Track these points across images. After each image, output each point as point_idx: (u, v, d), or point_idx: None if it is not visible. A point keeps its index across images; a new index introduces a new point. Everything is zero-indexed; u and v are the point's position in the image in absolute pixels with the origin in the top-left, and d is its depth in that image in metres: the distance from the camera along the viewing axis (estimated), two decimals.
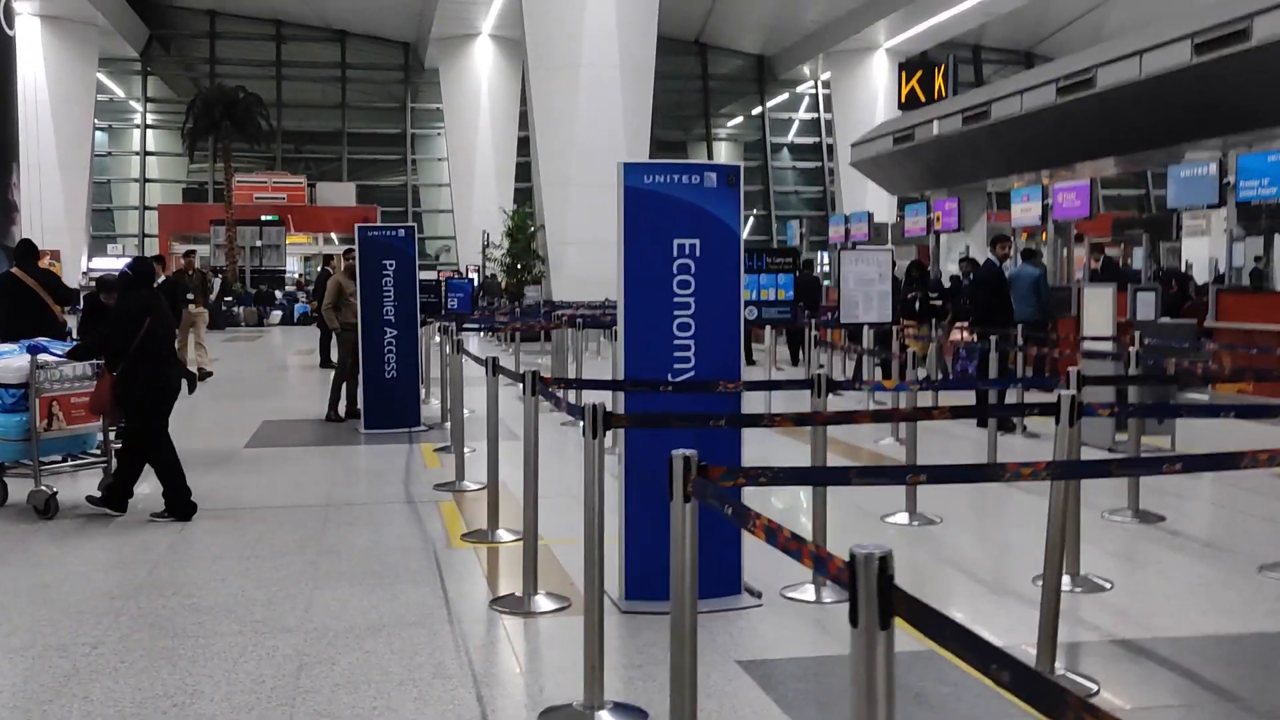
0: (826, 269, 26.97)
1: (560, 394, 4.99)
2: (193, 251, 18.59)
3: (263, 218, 41.69)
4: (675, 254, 5.01)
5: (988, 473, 3.27)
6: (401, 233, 10.81)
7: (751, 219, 52.10)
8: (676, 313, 5.03)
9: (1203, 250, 29.69)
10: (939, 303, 14.90)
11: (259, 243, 41.15)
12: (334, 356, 18.13)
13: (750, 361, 14.99)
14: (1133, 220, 29.40)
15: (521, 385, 4.96)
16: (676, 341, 5.03)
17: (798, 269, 11.94)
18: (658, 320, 5.02)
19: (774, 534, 2.25)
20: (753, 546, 5.13)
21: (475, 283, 27.56)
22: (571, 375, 12.19)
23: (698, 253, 5.02)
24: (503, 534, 6.43)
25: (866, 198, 43.10)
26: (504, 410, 6.78)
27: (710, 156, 53.19)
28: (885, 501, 6.99)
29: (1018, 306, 14.27)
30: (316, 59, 50.84)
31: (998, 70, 49.24)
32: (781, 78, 52.96)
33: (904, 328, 12.72)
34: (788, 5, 45.10)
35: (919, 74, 28.57)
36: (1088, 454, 8.56)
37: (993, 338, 8.74)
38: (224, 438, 10.15)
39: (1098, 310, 9.19)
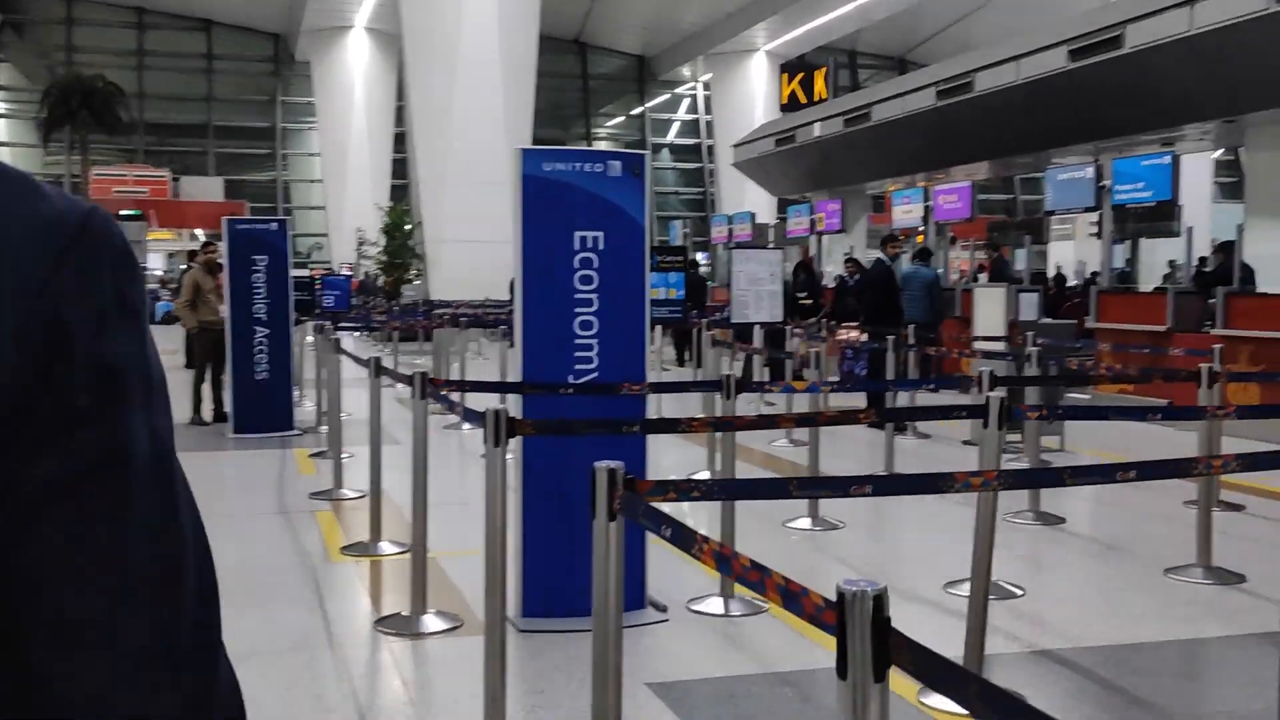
0: (708, 269, 26.90)
1: (452, 397, 4.61)
2: None
3: (122, 212, 39.91)
4: (577, 247, 4.68)
5: (938, 484, 3.02)
6: (274, 226, 10.24)
7: None
8: (578, 310, 4.69)
9: (1069, 253, 30.61)
10: (809, 302, 14.86)
11: None
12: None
13: None
14: (1005, 223, 30.08)
15: (409, 387, 4.56)
16: (578, 341, 4.70)
17: (688, 268, 11.68)
18: (558, 318, 4.69)
19: (726, 561, 1.94)
20: (653, 553, 4.83)
21: (352, 280, 26.71)
22: (457, 377, 11.74)
23: (600, 246, 4.70)
24: (386, 546, 6.00)
25: (746, 198, 43.30)
26: (383, 414, 6.34)
27: None
28: (784, 507, 6.77)
29: (910, 308, 14.30)
30: (181, 49, 48.91)
31: (873, 75, 50.13)
32: (662, 78, 52.93)
33: (796, 327, 12.60)
34: (667, 6, 45.10)
35: (800, 76, 28.78)
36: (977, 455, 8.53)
37: (889, 338, 8.62)
38: None
39: (989, 311, 9.16)
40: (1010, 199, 47.50)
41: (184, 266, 18.53)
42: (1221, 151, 26.40)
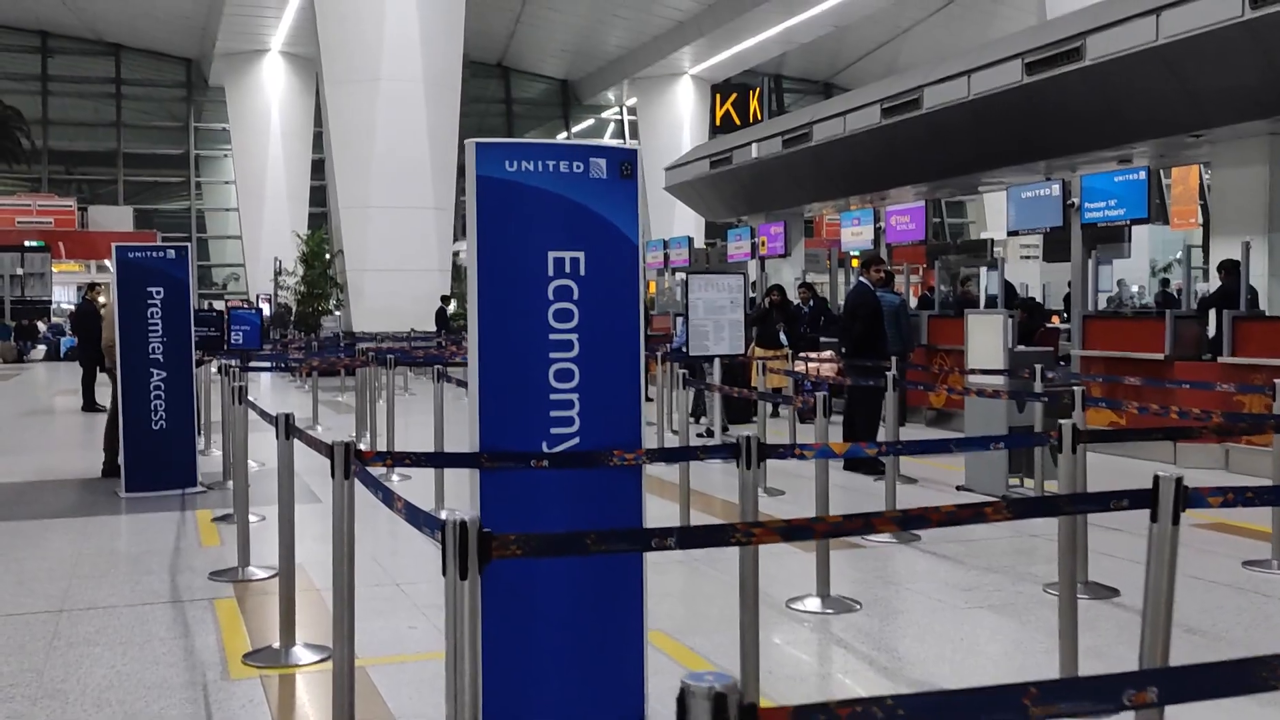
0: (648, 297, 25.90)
1: (388, 475, 3.43)
2: None
3: (26, 244, 37.98)
4: (551, 272, 3.56)
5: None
6: (171, 253, 8.93)
7: None
8: (554, 355, 3.57)
9: (1012, 275, 30.13)
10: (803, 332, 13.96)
11: (20, 271, 37.40)
12: (100, 399, 15.91)
13: None
14: (946, 246, 29.52)
15: (330, 463, 3.40)
16: (555, 396, 3.57)
17: None
18: (527, 366, 3.55)
19: None
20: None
21: (265, 313, 25.21)
22: (384, 424, 10.47)
23: (582, 270, 3.59)
24: (301, 653, 4.79)
25: (674, 224, 42.67)
26: (300, 462, 5.13)
27: None
28: (787, 582, 5.68)
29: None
30: (88, 74, 47.05)
31: (798, 100, 50.00)
32: (586, 103, 52.34)
33: (757, 360, 11.56)
34: (591, 30, 44.54)
35: (734, 97, 27.96)
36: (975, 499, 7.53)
37: (885, 373, 7.60)
38: None
39: (986, 340, 8.19)
40: (938, 222, 47.42)
41: (81, 300, 17.01)
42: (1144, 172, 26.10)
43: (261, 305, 33.94)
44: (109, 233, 41.27)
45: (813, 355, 13.62)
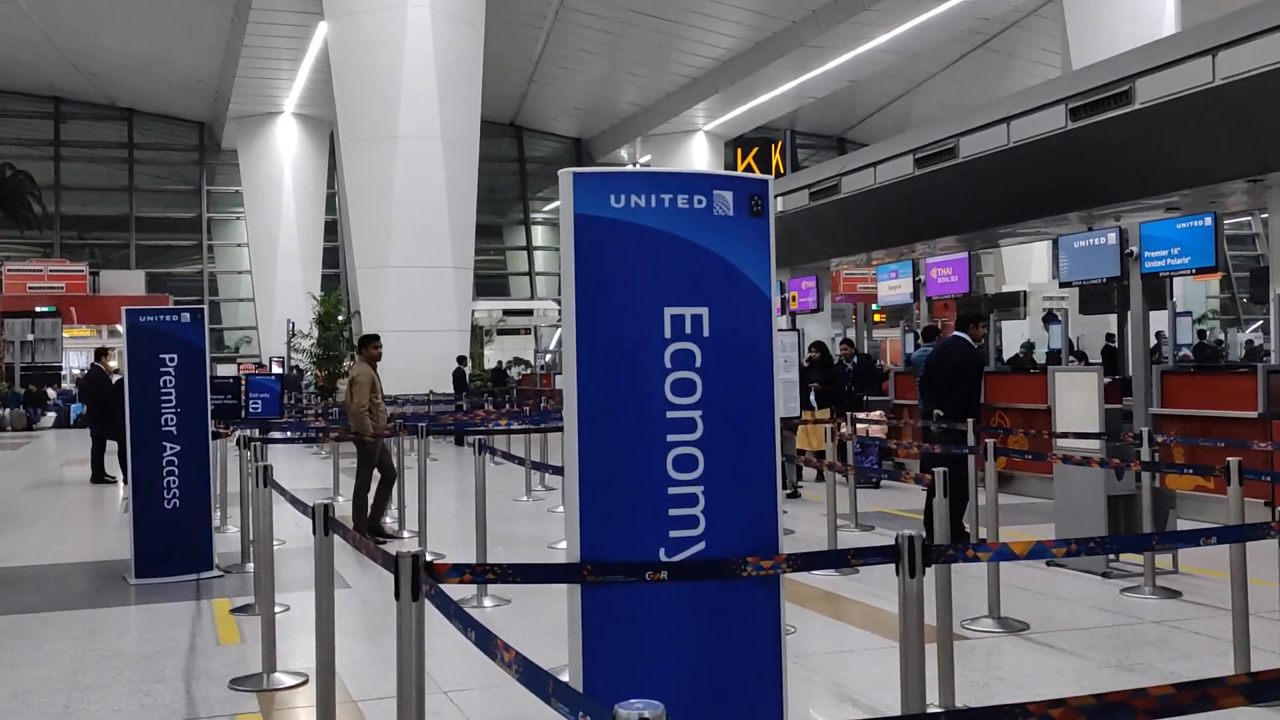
0: None
1: (471, 596, 2.72)
2: None
3: (38, 309, 37.62)
4: (669, 333, 2.86)
5: None
6: (185, 317, 8.26)
7: None
8: (674, 437, 2.86)
9: (1035, 331, 29.43)
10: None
11: (31, 336, 36.97)
12: (109, 469, 15.21)
13: None
14: (976, 300, 28.87)
15: (395, 580, 2.67)
16: (675, 490, 2.86)
17: None
18: (640, 451, 2.84)
19: None
20: None
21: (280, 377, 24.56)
22: (410, 498, 9.72)
23: (706, 330, 2.89)
24: None
25: None
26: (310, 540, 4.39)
27: (529, 241, 51.58)
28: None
29: (924, 395, 12.67)
30: (100, 139, 47.00)
31: (811, 155, 49.75)
32: (599, 160, 52.11)
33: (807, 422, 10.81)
34: (604, 88, 44.43)
35: (755, 150, 27.49)
36: (1082, 580, 6.75)
37: (991, 440, 6.85)
38: None
39: (1079, 400, 7.45)
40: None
41: (90, 366, 16.34)
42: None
43: (274, 368, 33.36)
44: (121, 297, 40.90)
45: (860, 415, 12.90)
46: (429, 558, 2.78)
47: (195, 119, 47.14)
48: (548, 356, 37.84)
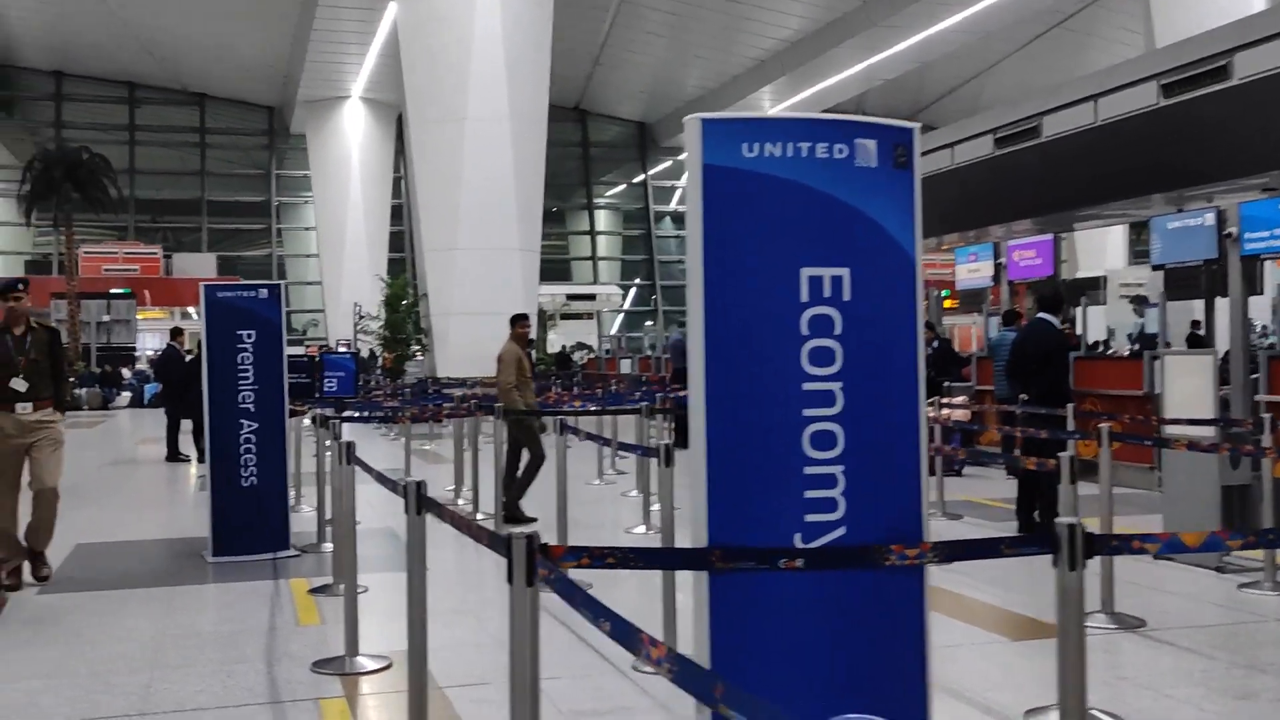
0: None
1: (580, 582, 2.50)
2: None
3: (111, 290, 38.21)
4: (806, 297, 2.61)
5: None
6: (264, 293, 8.15)
7: (634, 289, 50.37)
8: (810, 411, 2.61)
9: (1113, 317, 28.64)
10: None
11: (106, 317, 37.53)
12: (184, 447, 15.27)
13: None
14: (1054, 282, 28.11)
15: (508, 564, 2.46)
16: (812, 470, 2.61)
17: None
18: (774, 427, 2.60)
19: None
20: None
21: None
22: (482, 479, 9.54)
23: (846, 293, 2.64)
24: None
25: None
26: (392, 517, 4.18)
27: (592, 225, 51.46)
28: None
29: (999, 378, 12.29)
30: (173, 123, 47.62)
31: None
32: (664, 145, 51.81)
33: None
34: (670, 71, 44.09)
35: None
36: (1193, 574, 6.29)
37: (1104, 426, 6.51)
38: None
39: (1191, 385, 7.07)
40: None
41: (166, 346, 16.38)
42: None
43: (341, 349, 33.55)
44: (193, 279, 41.44)
45: (944, 400, 12.52)
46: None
47: (265, 104, 47.57)
48: (611, 341, 37.63)
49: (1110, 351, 22.78)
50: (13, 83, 45.93)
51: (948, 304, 28.73)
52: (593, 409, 11.30)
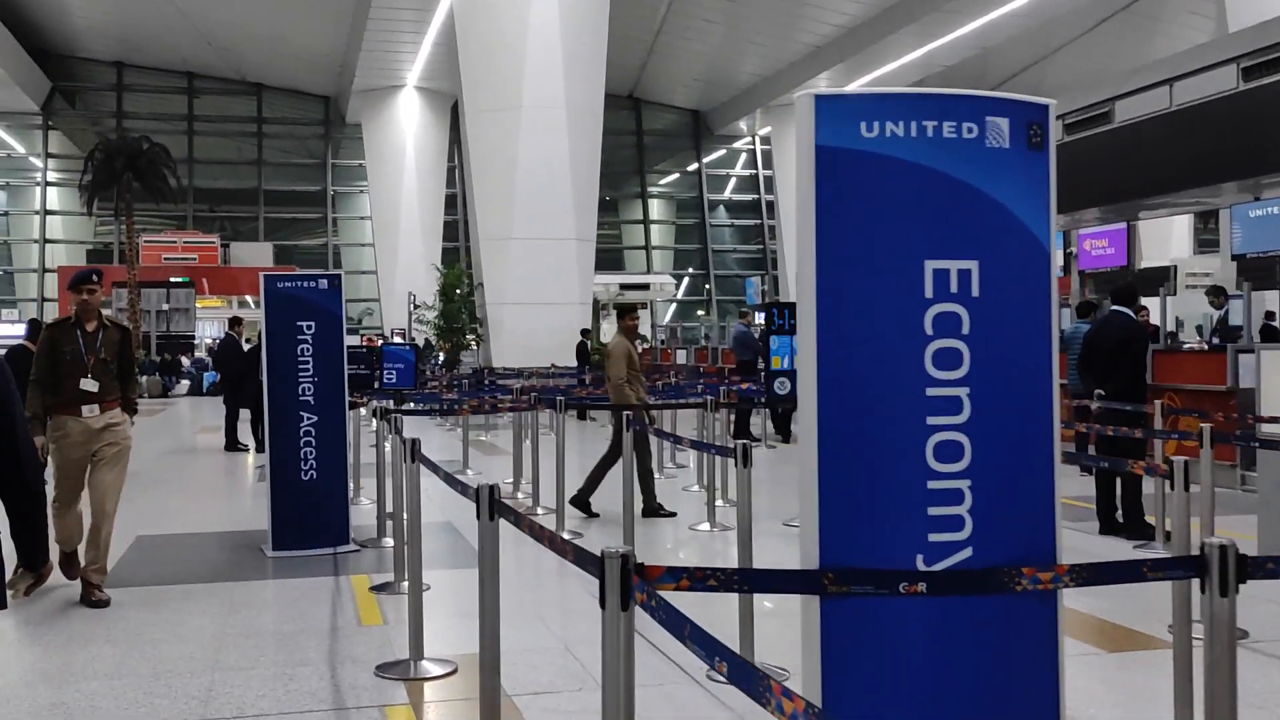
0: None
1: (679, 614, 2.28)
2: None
3: (171, 279, 38.60)
4: (930, 292, 2.37)
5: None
6: (324, 284, 8.01)
7: (687, 279, 50.08)
8: (935, 420, 2.37)
9: (1181, 307, 27.89)
10: None
11: (166, 306, 37.93)
12: (242, 437, 15.28)
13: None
14: (1125, 272, 27.49)
15: (600, 586, 2.24)
16: (936, 484, 2.37)
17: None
18: (894, 437, 2.36)
19: None
20: None
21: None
22: (537, 472, 9.35)
23: (975, 289, 2.38)
24: None
25: None
26: (452, 510, 3.98)
27: (646, 214, 51.21)
28: None
29: (1071, 371, 11.92)
30: (231, 113, 48.01)
31: None
32: (718, 133, 51.42)
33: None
34: (725, 58, 43.67)
35: None
36: None
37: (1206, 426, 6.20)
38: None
39: None
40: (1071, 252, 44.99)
41: (225, 335, 16.37)
42: None
43: (396, 339, 33.62)
44: (250, 268, 41.76)
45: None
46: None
47: (321, 93, 47.80)
48: (665, 331, 37.39)
49: (1182, 344, 22.15)
50: (75, 74, 46.52)
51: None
52: (656, 403, 11.06)
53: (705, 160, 52.00)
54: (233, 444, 15.13)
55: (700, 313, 48.47)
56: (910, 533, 2.36)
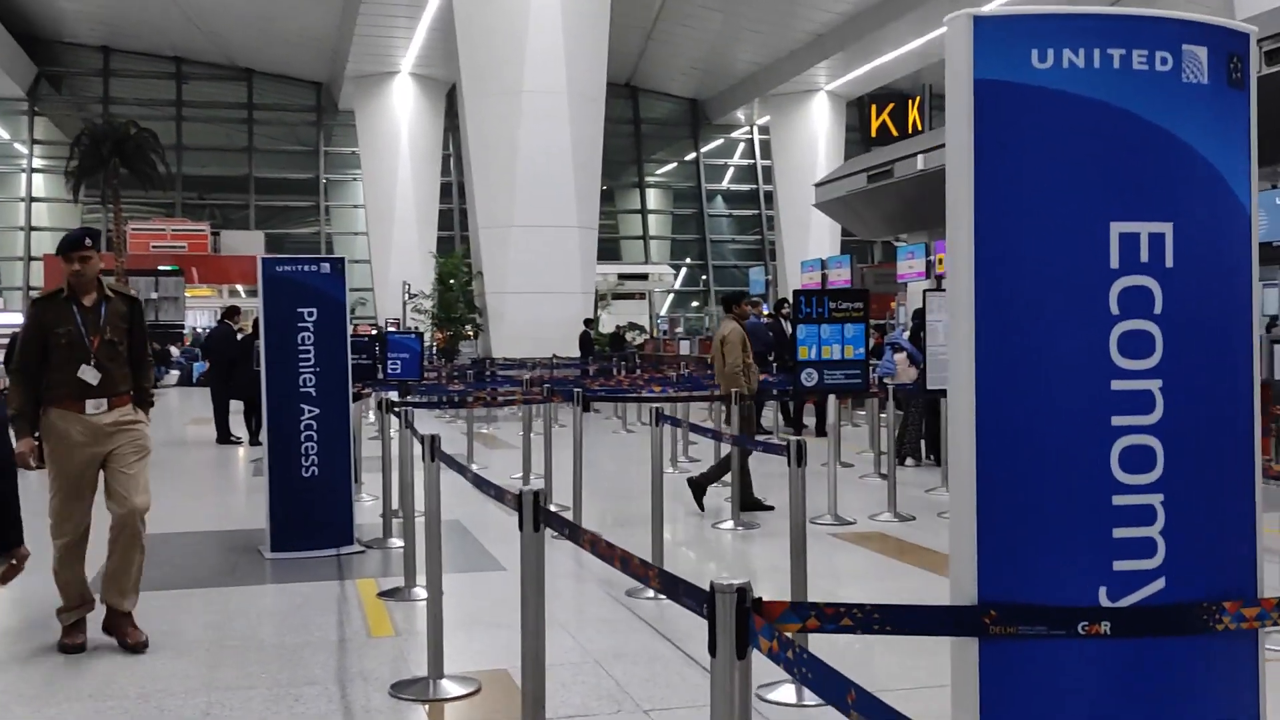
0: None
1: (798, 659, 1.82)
2: None
3: (160, 268, 38.01)
4: (1116, 262, 1.91)
5: None
6: (326, 268, 7.53)
7: (685, 269, 49.61)
8: (1121, 420, 1.92)
9: None
10: None
11: (154, 295, 37.34)
12: (235, 430, 14.78)
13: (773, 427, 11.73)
14: None
15: (710, 628, 1.78)
16: (1122, 499, 1.92)
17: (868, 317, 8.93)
18: (1070, 440, 1.90)
19: None
20: None
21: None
22: (551, 470, 8.89)
23: (1169, 258, 1.93)
24: None
25: (809, 245, 40.89)
26: (460, 507, 3.54)
27: (643, 204, 50.72)
28: None
29: None
30: (220, 99, 47.36)
31: (936, 114, 47.87)
32: (716, 122, 50.94)
33: None
34: (723, 46, 43.18)
35: (890, 106, 26.25)
36: None
37: None
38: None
39: None
40: None
41: (219, 323, 15.84)
42: None
43: (390, 328, 33.09)
44: (241, 257, 41.17)
45: None
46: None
47: (312, 79, 47.18)
48: (666, 323, 36.94)
49: None
50: (61, 59, 45.83)
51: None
52: (677, 395, 10.62)
53: (703, 150, 51.55)
54: (225, 437, 14.65)
55: (694, 304, 48.08)
56: (1091, 560, 1.92)
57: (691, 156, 51.55)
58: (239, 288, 40.60)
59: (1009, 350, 1.90)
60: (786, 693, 4.40)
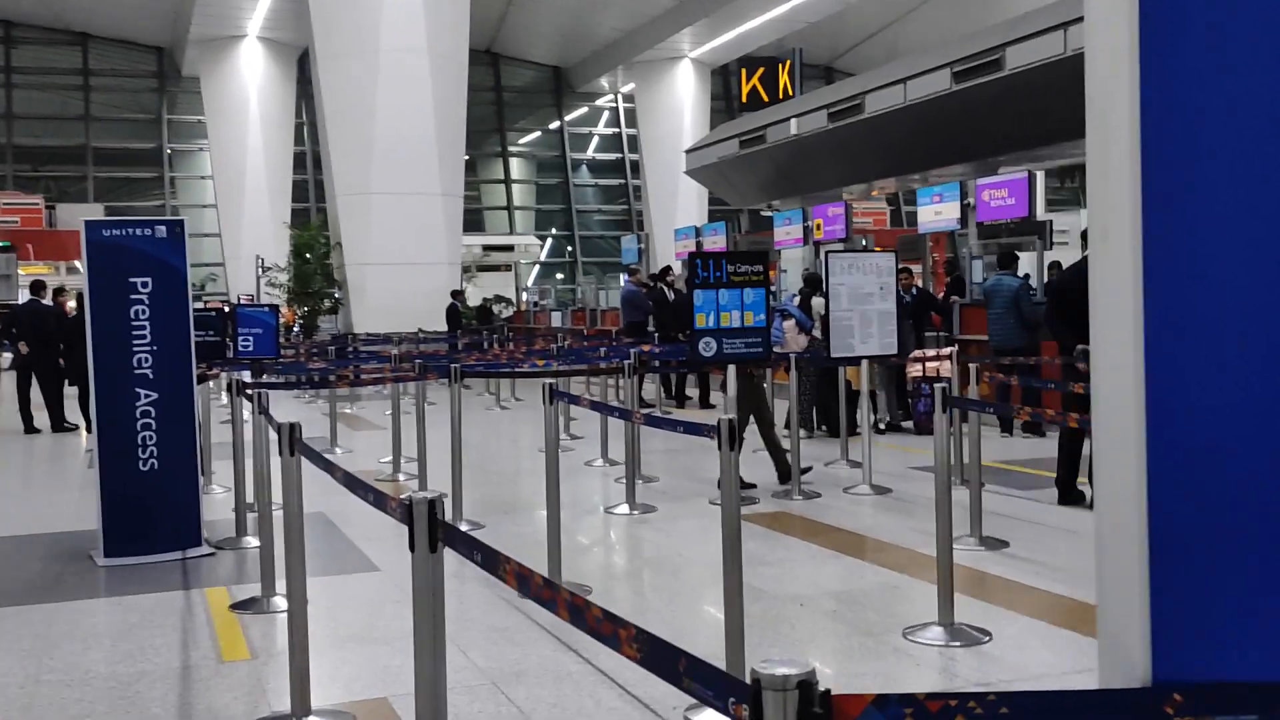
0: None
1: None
2: None
3: None
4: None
5: None
6: (162, 231, 6.56)
7: (550, 240, 48.78)
8: None
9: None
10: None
11: None
12: (71, 416, 13.47)
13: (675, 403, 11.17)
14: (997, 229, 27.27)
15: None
16: None
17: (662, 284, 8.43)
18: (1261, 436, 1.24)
19: None
20: None
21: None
22: (437, 454, 8.09)
23: None
24: None
25: (677, 214, 40.52)
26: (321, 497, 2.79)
27: (507, 174, 49.63)
28: None
29: (993, 327, 11.28)
30: (54, 65, 44.51)
31: (807, 81, 48.08)
32: (580, 90, 50.12)
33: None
34: (585, 13, 42.44)
35: (760, 71, 25.77)
36: None
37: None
38: None
39: None
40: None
41: (53, 305, 14.38)
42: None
43: (241, 304, 31.43)
44: (79, 231, 38.77)
45: (930, 353, 11.38)
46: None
47: (154, 44, 44.68)
48: (536, 294, 36.00)
49: None
50: None
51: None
52: (562, 368, 9.88)
53: (567, 118, 50.67)
54: (30, 427, 13.25)
55: (558, 275, 47.33)
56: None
57: (555, 125, 50.66)
58: (78, 264, 38.25)
59: (1203, 324, 1.23)
60: None
